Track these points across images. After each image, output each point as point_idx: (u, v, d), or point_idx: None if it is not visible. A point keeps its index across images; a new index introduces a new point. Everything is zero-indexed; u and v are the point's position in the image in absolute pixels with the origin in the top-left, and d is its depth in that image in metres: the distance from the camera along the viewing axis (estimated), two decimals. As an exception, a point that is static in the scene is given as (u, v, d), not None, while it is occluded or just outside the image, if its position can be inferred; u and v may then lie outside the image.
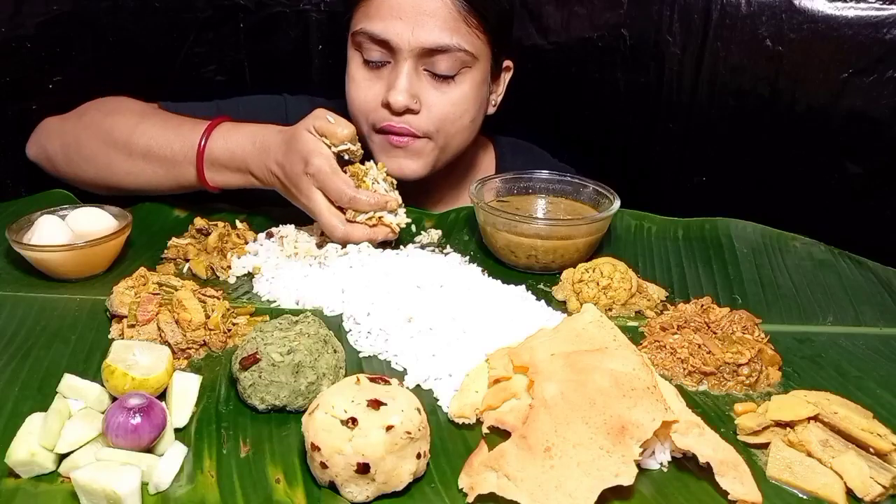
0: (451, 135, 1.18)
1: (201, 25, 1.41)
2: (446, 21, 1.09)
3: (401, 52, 1.10)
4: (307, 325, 0.79)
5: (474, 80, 1.16)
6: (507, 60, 1.25)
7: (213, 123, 1.12)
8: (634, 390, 0.70)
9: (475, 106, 1.19)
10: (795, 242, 1.19)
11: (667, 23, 1.33)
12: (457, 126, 1.18)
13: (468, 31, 1.11)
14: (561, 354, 0.76)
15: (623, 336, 0.79)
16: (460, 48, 1.10)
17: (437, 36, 1.09)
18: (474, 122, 1.21)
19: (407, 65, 1.11)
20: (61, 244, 0.97)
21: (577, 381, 0.71)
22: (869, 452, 0.70)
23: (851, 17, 1.21)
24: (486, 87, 1.20)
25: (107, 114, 1.18)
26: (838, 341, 0.94)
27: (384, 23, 1.09)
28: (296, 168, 1.04)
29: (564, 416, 0.68)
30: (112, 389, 0.73)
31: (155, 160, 1.14)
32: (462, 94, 1.15)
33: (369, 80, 1.15)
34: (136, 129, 1.14)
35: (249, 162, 1.09)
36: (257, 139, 1.09)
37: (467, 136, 1.22)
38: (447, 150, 1.20)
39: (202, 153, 1.11)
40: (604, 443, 0.66)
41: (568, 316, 0.88)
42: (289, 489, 0.66)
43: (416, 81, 1.12)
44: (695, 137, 1.41)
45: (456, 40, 1.10)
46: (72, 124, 1.20)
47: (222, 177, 1.13)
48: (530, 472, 0.65)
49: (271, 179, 1.09)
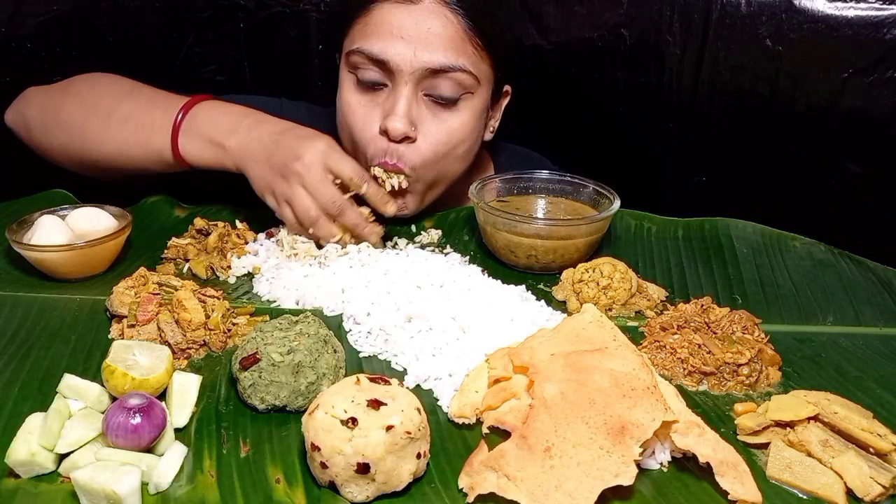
0: (441, 169, 1.13)
1: (201, 25, 1.42)
2: (452, 41, 1.04)
3: (401, 74, 1.04)
4: (307, 325, 0.79)
5: (475, 108, 1.11)
6: (507, 86, 1.22)
7: (202, 95, 1.11)
8: (634, 390, 0.70)
9: (472, 137, 1.14)
10: (795, 242, 1.19)
11: (667, 23, 1.33)
12: (449, 158, 1.12)
13: (473, 53, 1.06)
14: (561, 354, 0.76)
15: (623, 336, 0.79)
16: (465, 69, 1.05)
17: (441, 56, 1.03)
18: (468, 152, 1.16)
19: (407, 89, 1.05)
20: (61, 244, 0.97)
21: (577, 381, 0.71)
22: (869, 452, 0.70)
23: (851, 17, 1.21)
24: (484, 115, 1.16)
25: (94, 86, 1.16)
26: (838, 341, 0.94)
27: (384, 42, 1.03)
28: (295, 150, 1.00)
29: (564, 416, 0.68)
30: (112, 389, 0.73)
31: (131, 126, 1.09)
32: (461, 123, 1.10)
33: (365, 106, 1.09)
34: (123, 99, 1.12)
35: (231, 132, 1.04)
36: (250, 113, 1.07)
37: (458, 168, 1.17)
38: (436, 185, 1.16)
39: (181, 121, 1.07)
40: (604, 443, 0.66)
41: (568, 316, 0.88)
42: (289, 489, 0.66)
43: (415, 107, 1.07)
44: (695, 137, 1.41)
45: (461, 62, 1.04)
46: (55, 91, 1.17)
47: (195, 145, 1.07)
48: (530, 472, 0.65)
49: (250, 149, 1.03)
